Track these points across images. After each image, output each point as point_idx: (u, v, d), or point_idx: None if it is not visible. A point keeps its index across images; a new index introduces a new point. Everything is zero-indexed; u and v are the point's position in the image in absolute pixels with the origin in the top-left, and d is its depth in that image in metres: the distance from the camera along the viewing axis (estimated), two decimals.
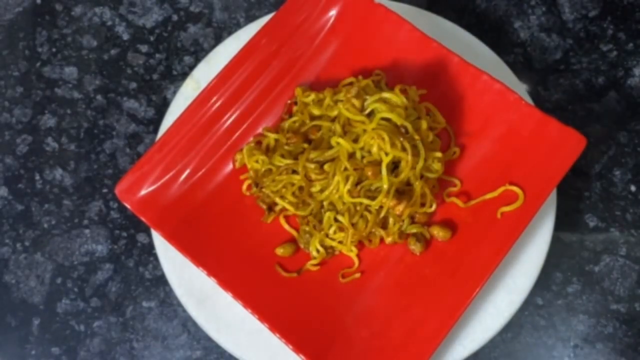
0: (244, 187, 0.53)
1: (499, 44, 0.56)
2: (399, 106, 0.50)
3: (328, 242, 0.51)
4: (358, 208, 0.50)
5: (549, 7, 0.62)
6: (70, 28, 0.62)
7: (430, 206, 0.51)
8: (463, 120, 0.53)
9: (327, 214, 0.50)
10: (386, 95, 0.50)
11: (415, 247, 0.51)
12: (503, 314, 0.50)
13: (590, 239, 0.57)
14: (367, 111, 0.50)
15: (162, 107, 0.60)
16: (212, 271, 0.49)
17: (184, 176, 0.52)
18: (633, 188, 0.58)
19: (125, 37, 0.62)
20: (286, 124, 0.53)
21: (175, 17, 0.63)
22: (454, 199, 0.52)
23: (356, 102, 0.50)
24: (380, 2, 0.53)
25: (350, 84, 0.52)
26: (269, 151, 0.52)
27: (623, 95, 0.60)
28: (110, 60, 0.62)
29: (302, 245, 0.51)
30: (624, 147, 0.59)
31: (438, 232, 0.51)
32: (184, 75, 0.60)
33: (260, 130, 0.53)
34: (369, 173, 0.49)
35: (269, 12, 0.60)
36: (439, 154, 0.50)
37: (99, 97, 0.61)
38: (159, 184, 0.51)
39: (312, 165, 0.50)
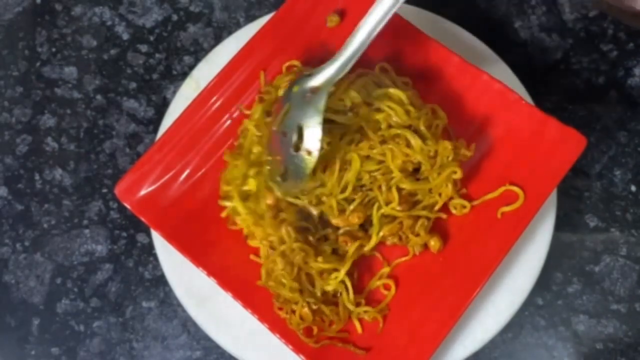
0: None
1: (499, 44, 0.56)
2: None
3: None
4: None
5: (549, 7, 0.62)
6: (70, 28, 0.62)
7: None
8: (463, 120, 0.53)
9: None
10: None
11: (416, 248, 0.50)
12: (503, 314, 0.50)
13: (591, 239, 0.56)
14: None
15: (162, 107, 0.60)
16: (212, 271, 0.49)
17: (184, 176, 0.51)
18: (633, 188, 0.58)
19: (125, 37, 0.62)
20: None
21: (175, 17, 0.62)
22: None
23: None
24: None
25: (292, 66, 0.52)
26: None
27: (623, 95, 0.60)
28: (110, 60, 0.62)
29: None
30: (624, 147, 0.59)
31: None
32: (184, 75, 0.60)
33: None
34: None
35: (269, 12, 0.60)
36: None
37: (98, 97, 0.61)
38: (158, 184, 0.51)
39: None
